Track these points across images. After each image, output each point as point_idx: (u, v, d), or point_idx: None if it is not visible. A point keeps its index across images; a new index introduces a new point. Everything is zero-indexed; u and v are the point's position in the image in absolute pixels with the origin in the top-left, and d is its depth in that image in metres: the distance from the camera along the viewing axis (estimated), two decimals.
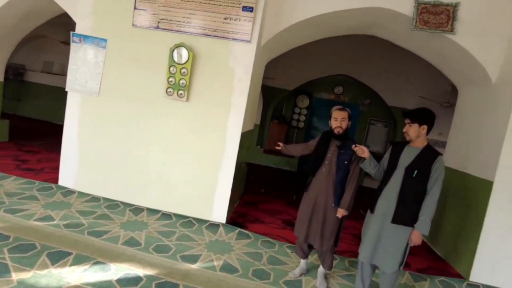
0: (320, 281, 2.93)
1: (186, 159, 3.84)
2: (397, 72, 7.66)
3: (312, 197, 2.84)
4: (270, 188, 6.25)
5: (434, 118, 2.46)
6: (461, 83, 4.30)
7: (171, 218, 3.81)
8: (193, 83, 3.74)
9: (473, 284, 3.39)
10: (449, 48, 3.78)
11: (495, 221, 3.35)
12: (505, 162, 3.29)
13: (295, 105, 8.78)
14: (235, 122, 3.73)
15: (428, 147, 2.48)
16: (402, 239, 2.45)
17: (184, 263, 2.90)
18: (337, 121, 2.78)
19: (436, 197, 2.38)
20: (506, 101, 3.35)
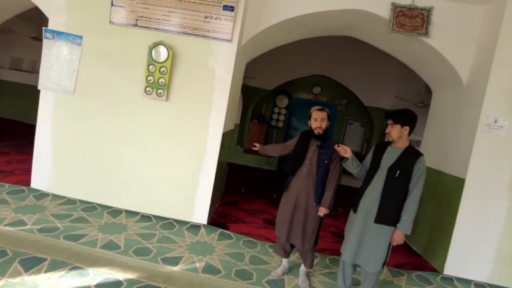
0: (303, 280, 2.96)
1: (166, 160, 3.78)
2: (373, 73, 7.86)
3: (293, 196, 2.85)
4: (251, 187, 6.26)
5: (416, 119, 2.50)
6: (435, 85, 4.47)
7: (150, 220, 3.74)
8: (172, 82, 3.67)
9: (446, 277, 3.53)
10: (424, 50, 3.91)
11: (467, 217, 3.51)
12: (476, 160, 3.45)
13: (274, 105, 8.83)
14: (217, 121, 3.70)
15: (410, 147, 2.51)
16: (384, 239, 2.48)
17: (166, 266, 2.85)
18: (317, 121, 2.80)
19: (417, 197, 2.42)
20: (476, 102, 3.51)
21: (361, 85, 8.14)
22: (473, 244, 3.53)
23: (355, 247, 2.54)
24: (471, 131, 3.50)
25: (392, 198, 2.43)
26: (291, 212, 2.84)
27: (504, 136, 3.41)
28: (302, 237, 2.82)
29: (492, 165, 3.44)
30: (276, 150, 3.12)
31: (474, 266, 3.55)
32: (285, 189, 2.96)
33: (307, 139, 2.88)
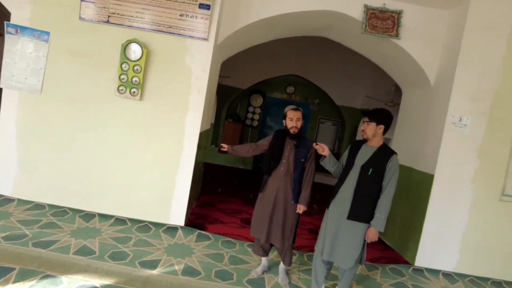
0: (282, 277, 2.99)
1: (140, 161, 3.68)
2: (344, 73, 8.07)
3: (271, 196, 2.85)
4: (227, 187, 6.23)
5: (391, 119, 2.54)
6: (405, 84, 4.66)
7: (125, 223, 3.62)
8: (147, 81, 3.58)
9: (417, 268, 3.70)
10: (394, 52, 4.06)
11: (436, 211, 3.69)
12: (443, 157, 3.63)
13: (249, 104, 8.84)
14: (193, 121, 3.65)
15: (384, 146, 2.55)
16: (358, 236, 2.51)
17: (144, 270, 2.78)
18: (292, 121, 2.82)
19: (390, 195, 2.45)
20: (443, 102, 3.70)
21: (333, 85, 8.33)
22: (441, 236, 3.71)
23: (329, 244, 2.57)
24: (439, 129, 3.69)
25: (365, 195, 2.47)
26: (270, 212, 2.84)
27: (468, 134, 3.62)
28: (282, 235, 2.84)
29: (458, 161, 3.64)
30: (247, 150, 3.07)
31: (442, 257, 3.74)
32: (261, 189, 2.95)
33: (282, 139, 2.89)
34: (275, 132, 3.00)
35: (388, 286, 3.25)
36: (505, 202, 3.68)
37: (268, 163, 2.90)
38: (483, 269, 3.75)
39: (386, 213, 2.45)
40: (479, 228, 3.71)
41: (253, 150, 3.04)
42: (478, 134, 3.62)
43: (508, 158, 3.65)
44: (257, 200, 3.00)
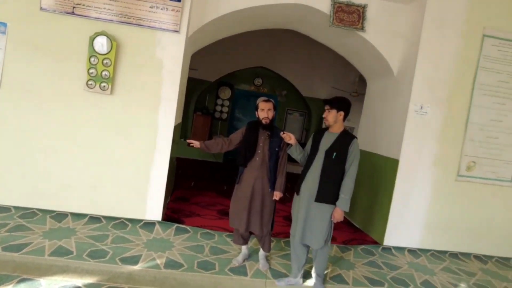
0: (263, 263, 3.09)
1: (113, 157, 3.59)
2: (310, 65, 8.28)
3: (249, 187, 2.91)
4: (199, 181, 6.22)
5: (349, 106, 2.71)
6: (369, 75, 4.90)
7: (100, 221, 3.54)
8: (117, 75, 3.48)
9: (386, 247, 3.97)
10: (360, 44, 4.26)
11: (401, 193, 3.96)
12: (407, 143, 3.90)
13: (217, 97, 8.81)
14: (167, 115, 3.62)
15: (345, 132, 2.71)
16: (326, 217, 2.64)
17: (126, 266, 2.75)
18: (264, 111, 2.89)
19: (353, 176, 2.60)
20: (406, 91, 3.95)
21: (300, 76, 8.53)
22: (406, 216, 4.01)
23: (301, 227, 2.70)
24: (402, 117, 3.95)
25: (330, 178, 2.61)
26: (248, 202, 2.90)
27: (428, 120, 3.91)
28: (261, 223, 2.93)
29: (420, 146, 3.92)
30: (221, 147, 3.00)
31: (407, 235, 4.04)
32: (237, 181, 3.01)
33: (256, 130, 2.96)
34: (248, 124, 3.05)
35: (361, 265, 3.47)
36: (460, 182, 4.04)
37: (243, 155, 2.94)
38: (442, 243, 4.11)
39: (350, 194, 2.60)
40: (438, 207, 4.05)
41: (228, 145, 3.01)
42: (437, 121, 3.92)
43: (462, 143, 3.99)
44: (233, 192, 3.06)
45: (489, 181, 4.09)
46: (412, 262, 3.73)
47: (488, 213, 4.15)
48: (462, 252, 4.14)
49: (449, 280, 3.40)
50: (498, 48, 3.95)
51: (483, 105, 3.97)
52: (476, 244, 4.18)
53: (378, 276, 3.25)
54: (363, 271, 3.34)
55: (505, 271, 3.89)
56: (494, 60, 3.95)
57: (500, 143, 4.05)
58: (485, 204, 4.13)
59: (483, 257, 4.14)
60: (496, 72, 3.96)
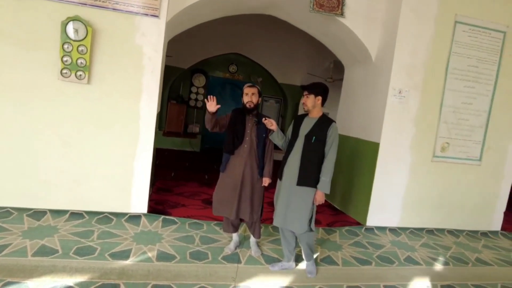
0: (255, 250, 3.12)
1: (93, 150, 3.42)
2: (285, 51, 8.28)
3: (238, 174, 2.89)
4: (179, 171, 6.11)
5: (327, 91, 2.76)
6: (348, 61, 4.97)
7: (83, 216, 3.39)
8: (94, 63, 3.29)
9: (368, 227, 4.14)
10: (339, 30, 4.29)
11: (381, 175, 4.12)
12: (387, 126, 4.03)
13: (191, 84, 8.61)
14: (149, 104, 3.49)
15: (324, 116, 2.76)
16: (307, 200, 2.68)
17: (116, 261, 2.67)
18: (248, 95, 2.88)
19: (332, 159, 2.65)
20: (385, 76, 4.06)
21: (275, 63, 8.51)
22: (386, 197, 4.18)
23: (283, 212, 2.73)
24: (382, 102, 4.06)
25: (310, 162, 2.66)
26: (238, 189, 2.88)
27: (406, 105, 4.06)
28: (251, 210, 2.93)
29: (399, 130, 4.07)
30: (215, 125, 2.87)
31: (388, 215, 4.23)
32: (223, 169, 2.96)
33: (242, 117, 2.93)
34: (233, 111, 3.00)
35: (347, 246, 3.59)
36: (435, 162, 4.26)
37: (231, 142, 2.91)
38: (419, 221, 4.34)
39: (330, 176, 2.66)
40: (416, 187, 4.26)
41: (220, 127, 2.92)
42: (414, 105, 4.08)
43: (437, 125, 4.19)
44: (219, 180, 3.00)
45: (460, 161, 4.35)
46: (394, 240, 3.92)
47: (459, 190, 4.42)
48: (437, 228, 4.40)
49: (429, 255, 3.62)
50: (468, 34, 4.14)
51: (455, 88, 4.17)
52: (449, 220, 4.46)
53: (365, 256, 3.39)
54: (350, 251, 3.46)
55: (475, 243, 4.19)
56: (465, 46, 4.15)
57: (470, 124, 4.30)
58: (457, 182, 4.39)
59: (455, 232, 4.44)
60: (466, 57, 4.17)
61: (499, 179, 4.56)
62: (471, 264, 3.55)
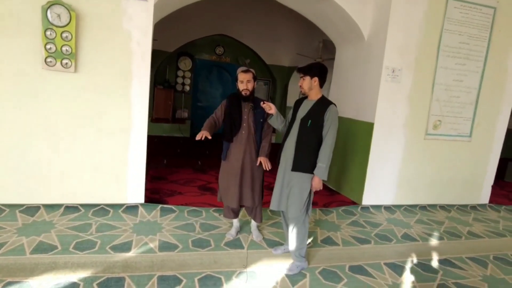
0: (256, 234, 3.14)
1: (84, 141, 3.30)
2: (273, 32, 8.10)
3: (238, 162, 2.85)
4: (171, 158, 6.02)
5: (324, 70, 2.58)
6: (339, 41, 4.90)
7: (78, 210, 3.31)
8: (81, 50, 3.13)
9: (364, 206, 4.22)
10: (331, 9, 4.20)
11: (376, 154, 4.16)
12: (381, 106, 4.04)
13: (177, 68, 8.38)
14: (140, 91, 3.37)
15: (322, 99, 2.60)
16: (303, 186, 2.57)
17: (119, 254, 2.63)
18: (243, 83, 2.78)
19: (330, 144, 2.50)
20: (378, 56, 4.03)
21: (262, 44, 8.35)
22: (381, 176, 4.24)
23: (278, 195, 2.68)
24: (375, 82, 4.05)
25: (306, 146, 2.54)
26: (239, 177, 2.85)
27: (399, 84, 4.06)
28: (252, 195, 2.91)
29: (392, 109, 4.09)
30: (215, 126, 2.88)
31: (383, 193, 4.31)
32: (224, 157, 2.92)
33: (238, 102, 2.86)
34: (228, 97, 2.93)
35: (345, 225, 3.65)
36: (428, 140, 4.32)
37: (229, 130, 2.86)
38: (413, 198, 4.45)
39: (327, 162, 2.51)
40: (409, 165, 4.33)
41: (218, 123, 2.91)
42: (407, 84, 4.09)
43: (429, 103, 4.23)
44: (221, 169, 2.98)
45: (451, 137, 4.43)
46: (389, 218, 4.00)
47: (450, 166, 4.53)
48: (430, 204, 4.53)
49: (424, 231, 3.72)
50: (460, 10, 4.12)
51: (447, 66, 4.19)
52: (441, 196, 4.58)
53: (363, 235, 3.45)
54: (349, 231, 3.52)
55: (466, 216, 4.33)
56: (456, 22, 4.14)
57: (461, 101, 4.35)
58: (448, 159, 4.49)
59: (446, 207, 4.57)
60: (458, 34, 4.17)
61: (488, 154, 4.68)
62: (464, 237, 3.67)
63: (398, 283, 2.62)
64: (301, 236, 2.64)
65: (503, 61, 4.46)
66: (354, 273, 2.71)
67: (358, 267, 2.81)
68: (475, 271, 2.95)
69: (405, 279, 2.69)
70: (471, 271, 2.94)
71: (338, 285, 2.52)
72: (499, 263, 3.14)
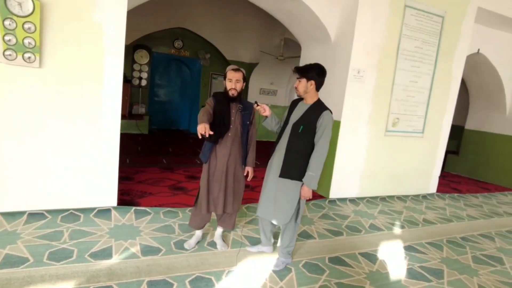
0: (221, 243, 2.93)
1: (49, 142, 3.04)
2: (234, 27, 8.08)
3: (222, 165, 2.69)
4: (133, 157, 5.77)
5: (322, 73, 2.47)
6: (305, 40, 5.05)
7: (44, 216, 3.06)
8: (46, 44, 2.86)
9: (331, 200, 4.46)
10: (298, 8, 4.29)
11: (342, 151, 4.41)
12: (347, 105, 4.27)
13: (133, 61, 7.98)
14: (113, 88, 3.19)
15: (318, 103, 2.49)
16: (292, 194, 2.49)
17: (100, 261, 2.50)
18: (231, 82, 2.63)
19: (322, 152, 2.39)
20: (345, 56, 4.25)
21: (223, 39, 8.28)
22: (346, 170, 4.51)
23: (264, 201, 2.61)
24: (342, 82, 4.27)
25: (296, 153, 2.44)
26: (224, 181, 2.71)
27: (364, 84, 4.33)
28: (233, 200, 2.78)
29: (357, 107, 4.36)
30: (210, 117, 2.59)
31: (348, 187, 4.59)
32: (206, 159, 2.69)
33: (226, 102, 2.68)
34: (214, 96, 2.77)
35: (317, 219, 3.84)
36: (388, 136, 4.68)
37: (218, 130, 2.60)
38: (374, 190, 4.80)
39: (318, 171, 2.40)
40: (371, 160, 4.65)
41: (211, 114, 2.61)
42: (370, 84, 4.37)
43: (389, 102, 4.57)
44: (203, 173, 2.74)
45: (408, 134, 4.84)
46: (355, 210, 4.28)
47: (406, 160, 4.96)
48: (389, 195, 4.92)
49: (387, 220, 4.05)
50: (416, 17, 4.50)
51: (404, 68, 4.56)
52: (398, 187, 5.00)
53: (335, 227, 3.66)
54: (322, 224, 3.71)
55: (419, 205, 4.79)
56: (412, 28, 4.51)
57: (415, 101, 4.77)
58: (404, 153, 4.91)
59: (402, 197, 5.01)
60: (413, 39, 4.55)
61: (436, 148, 5.20)
62: (421, 225, 4.07)
63: (374, 271, 2.84)
64: (292, 236, 2.68)
65: (448, 64, 4.96)
66: (334, 264, 2.88)
67: (337, 258, 2.98)
68: (434, 254, 3.29)
69: (378, 266, 2.93)
70: (431, 254, 3.28)
71: (322, 277, 2.66)
72: (451, 245, 3.54)
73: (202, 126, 2.29)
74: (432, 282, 2.76)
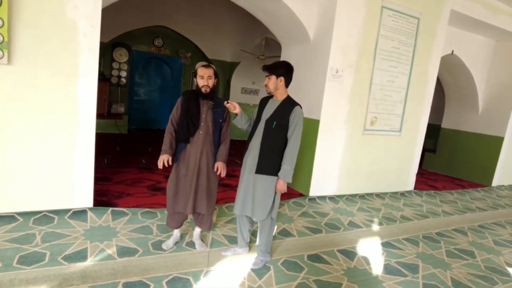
0: (199, 244, 2.91)
1: (22, 141, 2.94)
2: (215, 26, 8.04)
3: (194, 163, 2.65)
4: (112, 157, 5.65)
5: (290, 70, 2.55)
6: (285, 40, 5.07)
7: (14, 219, 2.95)
8: (16, 40, 2.76)
9: (311, 197, 4.50)
10: (278, 8, 4.31)
11: (321, 149, 4.45)
12: (326, 103, 4.32)
13: (112, 60, 7.82)
14: (87, 87, 3.12)
15: (288, 99, 2.55)
16: (268, 189, 2.53)
17: (74, 264, 2.43)
18: (203, 79, 2.60)
19: (295, 146, 2.47)
20: (324, 56, 4.30)
21: (204, 37, 8.23)
22: (326, 168, 4.56)
23: (242, 199, 2.62)
24: (321, 81, 4.31)
25: (270, 149, 2.50)
26: (195, 181, 2.66)
27: (342, 83, 4.39)
28: (207, 201, 2.73)
29: (335, 106, 4.41)
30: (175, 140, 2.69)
31: (327, 185, 4.64)
32: (177, 158, 2.66)
33: (195, 99, 2.67)
34: (184, 94, 2.73)
35: (297, 217, 3.86)
36: (366, 135, 4.76)
37: (186, 129, 2.61)
38: (353, 188, 4.87)
39: (292, 164, 2.50)
40: (349, 158, 4.72)
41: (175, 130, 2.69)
42: (348, 83, 4.44)
43: (367, 101, 4.65)
44: (171, 172, 2.70)
45: (385, 132, 4.94)
46: (334, 207, 4.33)
47: (384, 158, 5.06)
48: (367, 193, 5.01)
49: (366, 218, 4.12)
50: (392, 18, 4.59)
51: (382, 68, 4.65)
52: (376, 185, 5.09)
53: (314, 225, 3.70)
54: (301, 222, 3.74)
55: (397, 203, 4.90)
56: (389, 29, 4.60)
57: (393, 100, 4.88)
58: (382, 151, 5.01)
59: (381, 194, 5.11)
60: (390, 40, 4.64)
61: (413, 146, 5.34)
62: (398, 221, 4.16)
63: (352, 268, 2.88)
64: (268, 233, 2.70)
65: (424, 65, 5.09)
66: (312, 261, 2.91)
67: (315, 256, 3.01)
68: (410, 250, 3.37)
69: (356, 263, 2.97)
70: (407, 250, 3.36)
71: (301, 274, 2.68)
72: (427, 241, 3.64)
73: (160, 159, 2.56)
74: (407, 277, 2.82)
